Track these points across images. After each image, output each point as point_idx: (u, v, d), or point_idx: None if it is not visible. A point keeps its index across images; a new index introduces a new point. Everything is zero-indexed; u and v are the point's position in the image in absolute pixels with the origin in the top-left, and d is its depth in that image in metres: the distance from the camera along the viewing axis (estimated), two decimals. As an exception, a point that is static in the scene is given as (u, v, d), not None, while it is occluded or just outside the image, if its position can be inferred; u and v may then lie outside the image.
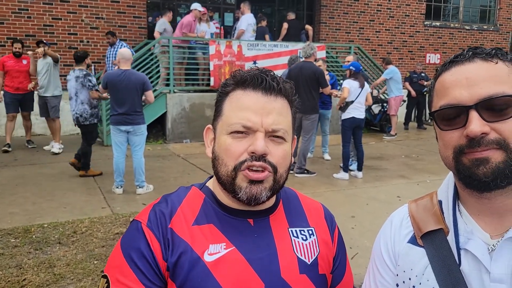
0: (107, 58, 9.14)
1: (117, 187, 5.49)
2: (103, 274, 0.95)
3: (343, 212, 4.94)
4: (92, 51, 9.68)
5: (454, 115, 0.82)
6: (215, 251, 0.94)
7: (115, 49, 8.81)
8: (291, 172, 6.47)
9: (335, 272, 1.09)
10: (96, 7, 9.69)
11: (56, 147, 7.66)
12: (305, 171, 6.56)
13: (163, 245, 0.93)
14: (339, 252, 1.10)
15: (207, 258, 0.93)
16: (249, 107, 0.94)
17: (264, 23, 10.40)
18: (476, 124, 0.78)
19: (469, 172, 0.80)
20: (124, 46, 8.77)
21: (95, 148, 8.25)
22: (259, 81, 0.95)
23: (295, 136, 1.06)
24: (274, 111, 0.95)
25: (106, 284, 0.92)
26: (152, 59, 9.12)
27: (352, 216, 4.85)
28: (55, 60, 7.68)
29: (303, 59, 6.62)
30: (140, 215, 1.00)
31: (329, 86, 6.53)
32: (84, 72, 6.04)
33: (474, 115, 0.78)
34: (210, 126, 1.05)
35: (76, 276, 3.34)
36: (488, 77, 0.80)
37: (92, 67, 9.71)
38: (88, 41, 9.68)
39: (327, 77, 7.35)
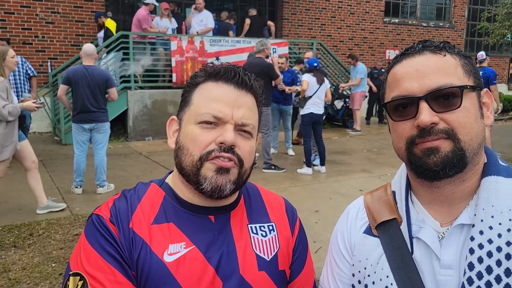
0: None
1: (77, 187, 5.32)
2: (72, 272, 0.90)
3: (307, 206, 4.99)
4: (48, 47, 9.35)
5: (405, 106, 0.84)
6: (175, 251, 0.92)
7: None
8: (256, 166, 6.49)
9: (293, 265, 1.07)
10: (52, 1, 9.33)
11: None
12: (273, 167, 6.58)
13: (125, 241, 0.91)
14: (298, 244, 1.09)
15: (167, 258, 0.91)
16: (220, 99, 0.93)
17: (231, 21, 10.34)
18: (426, 114, 0.80)
19: (420, 162, 0.82)
20: (23, 61, 7.25)
21: (52, 147, 7.99)
22: (232, 74, 0.95)
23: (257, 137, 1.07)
24: (245, 106, 0.95)
25: (81, 281, 0.87)
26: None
27: (316, 210, 4.91)
28: None
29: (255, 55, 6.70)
30: (100, 209, 0.96)
31: (280, 77, 6.71)
32: None
33: (424, 106, 0.81)
34: (174, 117, 1.04)
35: (32, 280, 3.22)
36: (437, 69, 0.82)
37: (48, 63, 9.38)
38: (43, 37, 9.32)
39: (291, 75, 7.55)
